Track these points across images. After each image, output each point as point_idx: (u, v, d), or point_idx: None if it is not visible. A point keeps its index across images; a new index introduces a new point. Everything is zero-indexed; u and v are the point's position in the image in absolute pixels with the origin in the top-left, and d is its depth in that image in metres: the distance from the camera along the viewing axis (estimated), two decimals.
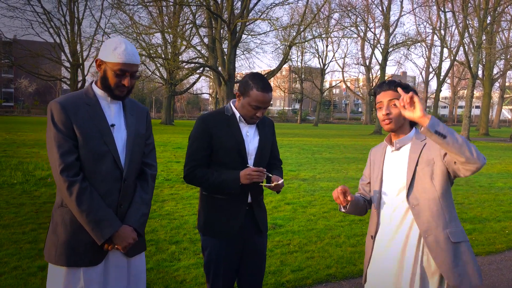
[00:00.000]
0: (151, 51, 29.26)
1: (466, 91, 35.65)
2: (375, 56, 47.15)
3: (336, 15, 43.32)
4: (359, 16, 38.01)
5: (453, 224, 1.97)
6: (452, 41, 46.65)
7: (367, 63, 47.03)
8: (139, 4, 24.94)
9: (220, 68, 24.89)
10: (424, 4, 40.23)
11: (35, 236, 4.76)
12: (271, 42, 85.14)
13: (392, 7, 71.50)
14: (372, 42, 41.25)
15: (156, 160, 2.27)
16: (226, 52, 24.56)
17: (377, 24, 42.15)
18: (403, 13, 61.76)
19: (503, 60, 39.47)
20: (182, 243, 4.74)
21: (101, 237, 1.93)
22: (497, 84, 50.07)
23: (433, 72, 48.59)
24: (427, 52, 51.96)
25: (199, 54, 31.15)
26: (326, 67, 50.38)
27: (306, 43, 40.66)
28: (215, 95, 38.91)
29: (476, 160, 1.75)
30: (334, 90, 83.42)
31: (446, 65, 75.89)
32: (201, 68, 28.96)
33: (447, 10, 33.55)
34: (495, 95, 58.53)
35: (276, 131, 2.72)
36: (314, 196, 7.65)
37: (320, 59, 49.85)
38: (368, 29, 42.57)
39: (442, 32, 36.77)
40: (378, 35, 41.99)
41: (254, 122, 2.44)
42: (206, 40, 29.64)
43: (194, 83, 40.20)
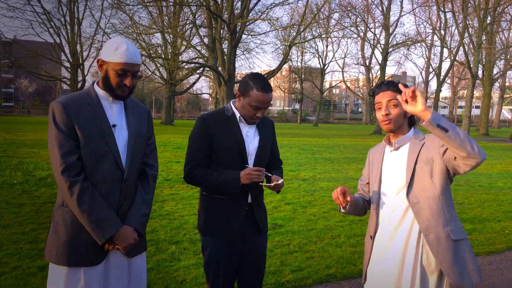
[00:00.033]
0: (151, 51, 29.27)
1: (466, 91, 35.65)
2: (375, 56, 47.16)
3: (336, 15, 43.39)
4: (359, 16, 38.02)
5: (453, 222, 1.98)
6: (452, 41, 46.70)
7: (367, 63, 47.02)
8: (139, 4, 24.95)
9: (220, 68, 24.90)
10: (424, 4, 40.24)
11: (35, 236, 4.76)
12: (271, 42, 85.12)
13: (392, 7, 71.58)
14: (372, 42, 41.25)
15: (157, 160, 2.27)
16: (226, 52, 24.56)
17: (377, 24, 42.19)
18: (403, 13, 61.85)
19: (503, 60, 39.49)
20: (182, 243, 4.74)
21: (102, 237, 1.93)
22: (497, 84, 50.09)
23: (433, 72, 48.61)
24: (427, 52, 52.00)
25: (199, 54, 31.17)
26: (326, 67, 50.38)
27: (306, 43, 40.70)
28: (215, 95, 38.91)
29: (477, 154, 1.75)
30: (334, 90, 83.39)
31: (446, 65, 75.91)
32: (201, 68, 28.95)
33: (447, 10, 33.57)
34: (495, 95, 58.55)
35: (276, 131, 2.72)
36: (314, 196, 7.66)
37: (320, 59, 49.87)
38: (368, 29, 42.60)
39: (442, 32, 36.80)
40: (378, 35, 42.00)
41: (254, 122, 2.44)
42: (206, 40, 29.66)
43: (194, 83, 40.22)
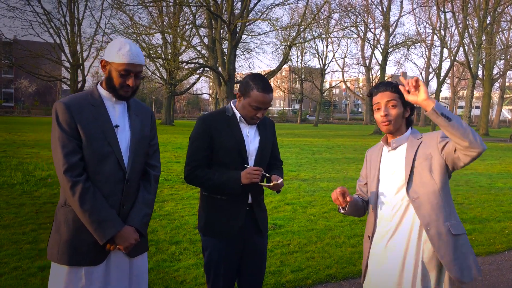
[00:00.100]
0: (151, 52, 29.25)
1: (466, 91, 35.67)
2: (375, 56, 47.07)
3: (336, 16, 43.33)
4: (359, 16, 38.02)
5: (452, 217, 1.99)
6: (452, 41, 46.65)
7: (367, 64, 47.00)
8: (139, 5, 24.94)
9: (220, 68, 24.91)
10: (424, 5, 40.24)
11: (35, 237, 4.76)
12: (271, 43, 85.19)
13: (392, 8, 71.52)
14: (372, 43, 41.22)
15: (159, 161, 2.28)
16: (226, 53, 24.57)
17: (377, 25, 42.15)
18: (403, 13, 61.82)
19: (503, 60, 39.53)
20: (182, 243, 4.75)
21: (103, 237, 1.94)
22: (497, 84, 50.11)
23: (433, 73, 48.56)
24: (427, 53, 51.98)
25: (199, 54, 31.16)
26: (326, 67, 50.36)
27: (306, 43, 40.65)
28: (215, 96, 38.92)
29: (479, 145, 1.77)
30: (334, 91, 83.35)
31: (446, 65, 75.79)
32: (201, 69, 28.95)
33: (447, 10, 33.59)
34: (495, 95, 58.57)
35: (276, 131, 2.72)
36: (314, 196, 7.66)
37: (320, 59, 49.85)
38: (368, 29, 42.59)
39: (442, 32, 36.78)
40: (378, 36, 41.98)
41: (255, 122, 2.44)
42: (206, 40, 29.67)
43: (194, 83, 40.22)
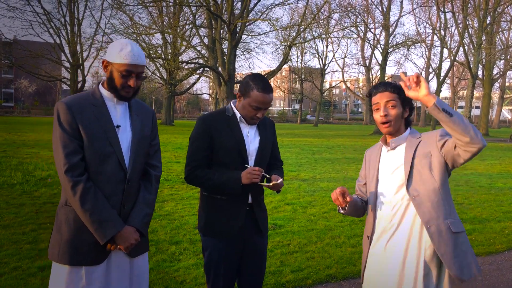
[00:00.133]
0: (151, 52, 29.26)
1: (466, 92, 35.68)
2: (375, 56, 47.07)
3: (336, 16, 43.26)
4: (359, 16, 38.02)
5: (452, 215, 2.00)
6: (452, 41, 46.67)
7: (367, 64, 47.00)
8: (139, 5, 24.96)
9: (220, 68, 24.91)
10: (424, 5, 40.26)
11: (35, 237, 4.76)
12: (271, 43, 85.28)
13: (392, 8, 71.49)
14: (372, 43, 41.23)
15: (160, 161, 2.28)
16: (226, 53, 24.58)
17: (377, 25, 42.15)
18: (403, 13, 61.78)
19: (503, 60, 39.54)
20: (182, 243, 4.74)
21: (104, 237, 1.94)
22: (497, 84, 50.13)
23: (433, 73, 48.56)
24: (427, 53, 52.00)
25: (199, 54, 31.17)
26: (326, 67, 50.35)
27: (306, 43, 40.61)
28: (215, 96, 38.94)
29: (480, 140, 1.78)
30: (334, 91, 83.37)
31: (446, 65, 75.73)
32: (201, 69, 28.96)
33: (447, 10, 33.61)
34: (495, 95, 58.58)
35: (276, 131, 2.72)
36: (314, 196, 7.66)
37: (320, 59, 49.83)
38: (368, 29, 42.59)
39: (442, 32, 36.80)
40: (378, 36, 41.95)
41: (255, 122, 2.44)
42: (206, 40, 29.67)
43: (194, 83, 40.21)
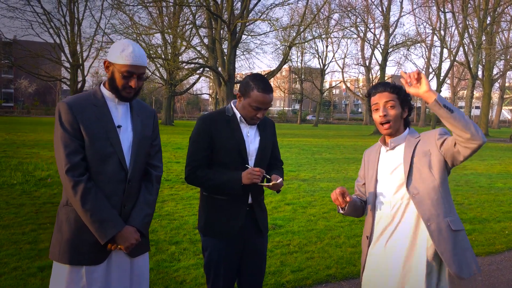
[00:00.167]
0: (151, 52, 29.27)
1: (466, 92, 35.68)
2: (375, 56, 47.03)
3: (336, 16, 43.31)
4: (359, 16, 38.05)
5: (452, 213, 2.01)
6: (452, 41, 46.66)
7: (367, 64, 47.00)
8: (139, 5, 24.98)
9: (220, 68, 24.92)
10: (424, 5, 40.25)
11: (35, 237, 4.76)
12: (271, 43, 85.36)
13: (392, 8, 71.49)
14: (372, 43, 41.25)
15: (162, 161, 2.28)
16: (226, 53, 24.58)
17: (377, 25, 42.18)
18: (403, 13, 61.74)
19: (503, 60, 39.52)
20: (182, 243, 4.74)
21: (104, 237, 1.95)
22: (497, 84, 50.13)
23: (433, 73, 48.54)
24: (427, 53, 52.00)
25: (199, 54, 31.17)
26: (326, 67, 50.33)
27: (306, 43, 40.58)
28: (215, 96, 38.93)
29: (480, 137, 1.80)
30: (334, 91, 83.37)
31: (446, 65, 75.82)
32: (201, 69, 28.97)
33: (447, 10, 33.62)
34: (495, 95, 58.60)
35: (276, 131, 2.72)
36: (314, 196, 7.65)
37: (320, 59, 49.81)
38: (368, 29, 42.59)
39: (442, 32, 36.80)
40: (378, 36, 41.98)
41: (255, 123, 2.44)
42: (206, 40, 29.68)
43: (194, 83, 40.21)
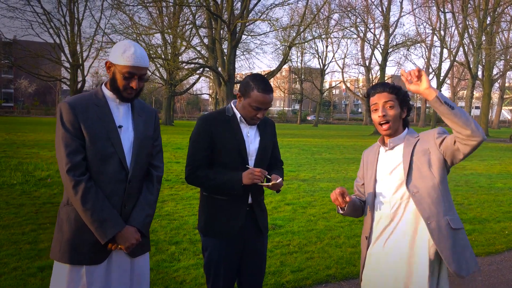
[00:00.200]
0: (151, 52, 29.25)
1: (465, 92, 35.70)
2: (375, 56, 46.99)
3: (336, 16, 43.28)
4: (359, 16, 38.04)
5: (451, 211, 2.01)
6: (452, 41, 46.71)
7: (367, 64, 46.98)
8: (139, 5, 24.99)
9: (220, 68, 24.92)
10: (424, 5, 40.27)
11: (34, 237, 4.76)
12: (271, 43, 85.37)
13: (392, 8, 71.39)
14: (372, 43, 41.24)
15: (163, 161, 2.28)
16: (226, 53, 24.58)
17: (377, 25, 42.16)
18: (402, 13, 61.66)
19: (503, 60, 39.52)
20: (182, 243, 4.74)
21: (104, 236, 1.95)
22: (496, 84, 50.14)
23: (432, 73, 48.55)
24: (427, 53, 51.99)
25: (199, 54, 31.17)
26: (326, 67, 50.34)
27: (306, 43, 40.61)
28: (215, 96, 38.89)
29: (481, 133, 1.81)
30: (334, 91, 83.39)
31: (445, 65, 76.00)
32: (201, 69, 28.96)
33: (446, 10, 33.64)
34: (495, 95, 58.61)
35: (276, 131, 2.72)
36: (314, 196, 7.65)
37: (320, 59, 49.82)
38: (368, 29, 42.57)
39: (442, 32, 36.83)
40: (378, 36, 41.97)
41: (255, 123, 2.44)
42: (206, 40, 29.68)
43: (194, 83, 40.23)
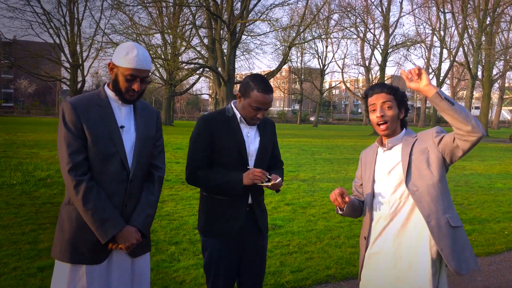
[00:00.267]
0: (151, 52, 29.26)
1: (465, 92, 35.72)
2: (374, 57, 46.92)
3: (335, 16, 43.19)
4: (359, 17, 38.04)
5: (451, 209, 2.01)
6: (452, 42, 46.77)
7: (367, 64, 46.97)
8: (138, 5, 25.01)
9: (219, 68, 24.93)
10: (424, 5, 40.31)
11: (34, 237, 4.76)
12: (271, 43, 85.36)
13: (392, 8, 71.45)
14: (371, 43, 41.25)
15: (164, 162, 2.28)
16: (226, 53, 24.59)
17: (376, 25, 42.14)
18: (402, 14, 61.63)
19: (503, 61, 39.54)
20: (182, 244, 4.74)
21: (105, 236, 1.96)
22: (496, 85, 50.15)
23: (432, 73, 48.58)
24: (427, 53, 52.05)
25: (199, 54, 31.18)
26: (325, 67, 50.38)
27: (306, 43, 40.61)
28: (215, 96, 38.93)
29: (480, 129, 1.82)
30: (333, 91, 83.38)
31: (445, 66, 75.90)
32: (201, 69, 28.98)
33: (446, 11, 33.65)
34: (495, 96, 58.64)
35: (276, 131, 2.72)
36: (314, 196, 7.65)
37: (319, 59, 49.87)
38: (367, 30, 42.57)
39: (442, 33, 36.84)
40: (377, 36, 42.01)
41: (255, 123, 2.44)
42: (205, 40, 29.68)
43: (194, 83, 40.24)
